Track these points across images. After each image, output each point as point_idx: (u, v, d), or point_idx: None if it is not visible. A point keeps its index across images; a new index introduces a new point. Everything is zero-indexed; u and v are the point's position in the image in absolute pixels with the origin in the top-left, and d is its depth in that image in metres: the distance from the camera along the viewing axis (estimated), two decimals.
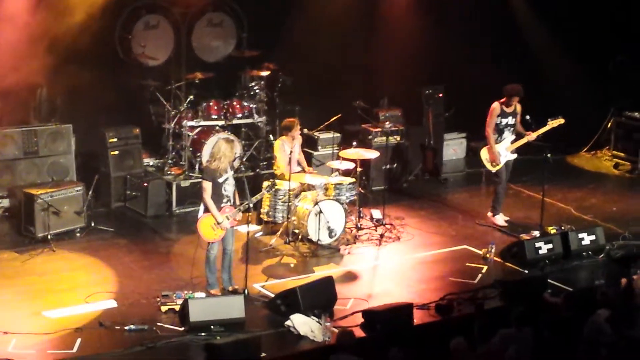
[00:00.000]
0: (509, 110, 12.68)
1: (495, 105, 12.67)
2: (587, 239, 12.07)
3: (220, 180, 10.39)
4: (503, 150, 12.74)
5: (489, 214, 12.99)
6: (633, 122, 16.00)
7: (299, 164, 12.59)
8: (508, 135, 12.74)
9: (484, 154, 12.85)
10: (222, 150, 10.44)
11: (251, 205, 10.63)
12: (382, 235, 12.41)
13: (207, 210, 10.38)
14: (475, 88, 14.77)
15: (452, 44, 15.46)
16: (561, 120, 12.70)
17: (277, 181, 12.01)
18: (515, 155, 12.83)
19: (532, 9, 16.14)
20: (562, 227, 12.49)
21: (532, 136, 12.69)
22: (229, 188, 10.47)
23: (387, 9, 15.56)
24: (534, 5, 16.11)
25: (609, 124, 16.32)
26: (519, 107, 12.74)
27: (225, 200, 10.44)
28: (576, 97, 15.82)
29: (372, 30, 15.49)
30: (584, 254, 12.02)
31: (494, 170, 12.82)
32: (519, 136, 12.77)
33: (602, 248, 12.10)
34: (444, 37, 15.43)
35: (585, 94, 15.96)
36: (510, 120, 12.71)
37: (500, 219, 12.94)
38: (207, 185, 10.35)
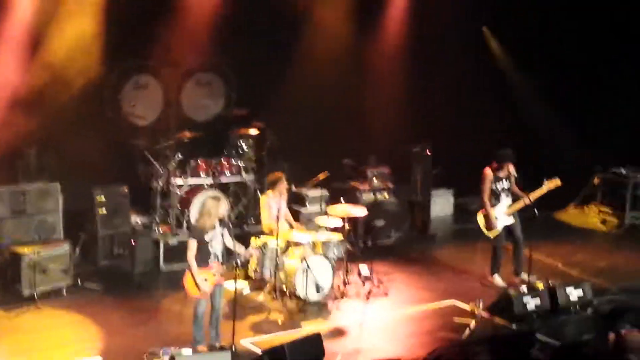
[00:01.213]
0: (501, 174, 12.67)
1: (487, 172, 12.58)
2: (574, 293, 12.04)
3: (207, 238, 10.39)
4: (500, 215, 12.68)
5: (489, 276, 12.91)
6: (619, 178, 16.11)
7: (286, 220, 12.61)
8: (505, 199, 12.68)
9: (480, 220, 12.79)
10: (207, 208, 10.47)
11: (239, 263, 10.63)
12: (370, 291, 12.40)
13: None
14: (463, 145, 14.91)
15: (439, 101, 15.64)
16: (557, 182, 12.60)
17: (265, 239, 12.05)
18: (512, 220, 12.70)
19: (519, 67, 16.36)
20: (550, 282, 12.49)
21: (529, 199, 12.54)
22: (216, 246, 10.45)
23: (376, 66, 15.77)
24: (521, 63, 16.33)
25: (595, 180, 16.41)
26: (512, 169, 12.66)
27: (212, 257, 10.43)
28: (564, 152, 15.95)
29: (361, 89, 15.69)
30: (571, 308, 12.01)
31: (492, 236, 12.74)
32: (515, 199, 12.68)
33: (589, 303, 12.08)
34: (432, 95, 15.63)
35: (572, 150, 16.09)
36: (505, 184, 12.66)
37: (498, 279, 12.89)
38: (192, 244, 10.34)
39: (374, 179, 14.73)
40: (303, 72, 14.89)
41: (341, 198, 13.18)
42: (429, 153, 15.45)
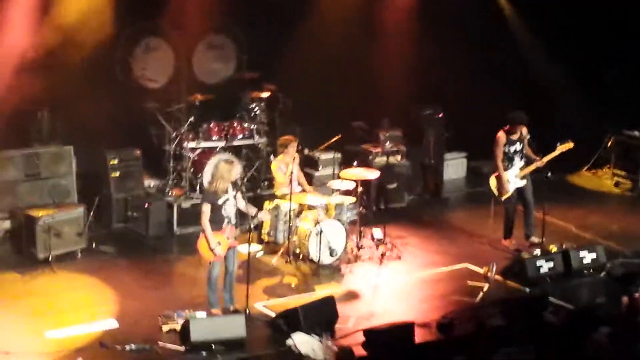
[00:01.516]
0: (514, 137, 12.61)
1: (500, 135, 12.54)
2: (588, 257, 12.05)
3: (220, 202, 10.39)
4: (512, 178, 12.63)
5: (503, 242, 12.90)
6: (632, 140, 16.03)
7: (299, 183, 12.60)
8: (517, 162, 12.63)
9: (492, 182, 12.75)
10: (220, 172, 10.46)
11: (252, 226, 10.65)
12: (383, 255, 12.41)
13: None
14: (475, 107, 14.83)
15: (451, 64, 15.53)
16: (570, 145, 12.54)
17: (278, 202, 12.08)
18: (524, 182, 12.67)
19: (531, 29, 16.22)
20: (563, 246, 12.47)
21: (542, 162, 12.50)
22: (229, 209, 10.46)
23: (387, 29, 15.63)
24: (533, 25, 16.18)
25: (609, 142, 16.35)
26: (525, 131, 12.61)
27: (226, 221, 10.44)
28: (576, 115, 15.86)
29: (372, 51, 15.56)
30: (585, 272, 12.01)
31: (503, 198, 12.71)
32: (528, 161, 12.64)
33: (602, 266, 12.09)
34: (444, 57, 15.50)
35: (585, 113, 16.00)
36: (517, 146, 12.60)
37: (511, 244, 12.86)
38: (206, 209, 10.35)
39: (387, 141, 14.67)
40: (314, 34, 14.78)
41: (354, 161, 13.16)
42: (441, 116, 15.41)
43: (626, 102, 16.09)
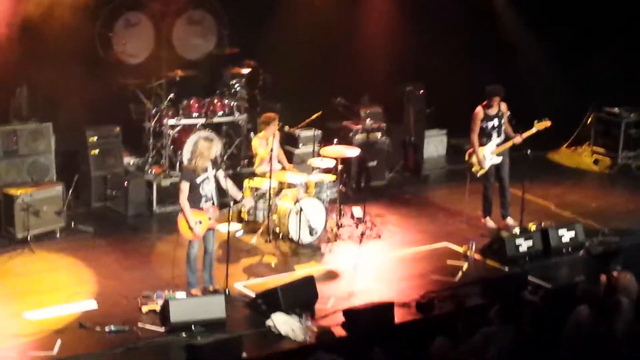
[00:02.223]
0: (492, 112, 12.60)
1: (478, 110, 12.54)
2: (567, 235, 12.13)
3: (199, 180, 10.34)
4: (488, 154, 12.64)
5: (482, 219, 12.96)
6: (612, 117, 16.07)
7: (278, 161, 12.56)
8: (495, 138, 12.64)
9: (468, 158, 12.80)
10: (199, 149, 10.40)
11: (232, 203, 10.62)
12: (363, 234, 12.42)
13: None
14: (456, 84, 14.80)
15: (433, 41, 15.49)
16: (547, 123, 12.53)
17: (257, 180, 12.07)
18: (501, 158, 12.70)
19: (511, 5, 16.18)
20: (542, 224, 12.52)
21: (518, 139, 12.51)
22: (207, 188, 10.41)
23: (370, 5, 15.57)
24: (515, 2, 16.14)
25: (589, 119, 16.38)
26: (504, 107, 12.62)
27: (204, 200, 10.40)
28: (556, 93, 15.88)
29: (354, 27, 15.50)
30: (563, 250, 12.07)
31: (478, 174, 12.73)
32: (506, 138, 12.64)
33: (581, 244, 12.17)
34: (424, 34, 15.45)
35: (565, 90, 16.02)
36: (495, 122, 12.60)
37: (490, 222, 12.92)
38: (185, 186, 10.31)
39: (367, 118, 14.63)
40: (296, 9, 14.69)
41: (334, 139, 13.12)
42: (422, 92, 15.37)
43: (609, 79, 16.09)
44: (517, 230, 12.22)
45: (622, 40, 16.08)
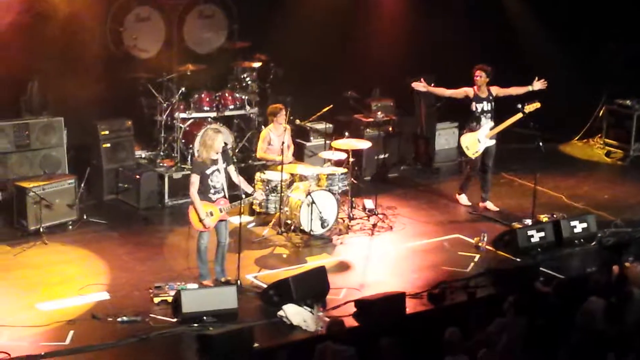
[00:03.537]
0: (483, 94, 12.67)
1: (470, 88, 12.79)
2: (579, 226, 12.10)
3: (208, 171, 10.36)
4: (482, 137, 12.75)
5: (457, 194, 13.29)
6: (624, 109, 16.02)
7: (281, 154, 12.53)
8: (486, 122, 12.76)
9: (463, 140, 12.94)
10: (205, 140, 10.43)
11: (243, 196, 10.63)
12: (374, 225, 12.42)
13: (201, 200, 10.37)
14: (467, 77, 14.73)
15: (444, 33, 15.47)
16: (537, 105, 12.57)
17: (268, 172, 12.10)
18: (494, 142, 12.84)
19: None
20: (554, 215, 12.51)
21: (507, 122, 12.63)
22: (216, 179, 10.42)
23: None
24: None
25: (601, 112, 16.34)
26: (494, 91, 12.72)
27: (213, 191, 10.40)
28: (568, 85, 15.82)
29: (364, 20, 15.51)
30: (576, 241, 12.05)
31: (472, 157, 12.88)
32: (496, 124, 12.76)
33: (593, 236, 12.14)
34: (436, 27, 15.44)
35: (577, 82, 15.96)
36: (485, 105, 12.71)
37: (464, 199, 13.18)
38: (195, 179, 10.34)
39: (378, 111, 14.63)
40: (306, 3, 14.71)
41: (345, 131, 13.13)
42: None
43: (620, 71, 16.03)
44: (529, 222, 12.21)
45: (634, 32, 16.00)
